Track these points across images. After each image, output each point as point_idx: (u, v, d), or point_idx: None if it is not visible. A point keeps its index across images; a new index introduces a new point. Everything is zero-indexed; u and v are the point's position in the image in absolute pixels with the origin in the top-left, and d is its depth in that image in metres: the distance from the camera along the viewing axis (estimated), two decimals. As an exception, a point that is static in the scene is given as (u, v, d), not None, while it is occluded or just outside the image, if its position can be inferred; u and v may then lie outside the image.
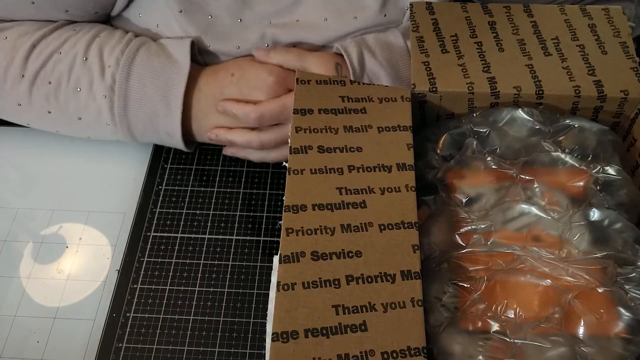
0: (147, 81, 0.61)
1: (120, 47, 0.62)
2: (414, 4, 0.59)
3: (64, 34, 0.63)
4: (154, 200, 0.66)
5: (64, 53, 0.62)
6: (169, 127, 0.63)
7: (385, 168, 0.49)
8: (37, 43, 0.62)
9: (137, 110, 0.62)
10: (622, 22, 0.58)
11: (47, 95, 0.62)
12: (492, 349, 0.43)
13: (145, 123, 0.63)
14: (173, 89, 0.61)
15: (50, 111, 0.64)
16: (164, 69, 0.62)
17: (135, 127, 0.63)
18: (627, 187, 0.50)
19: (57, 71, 0.62)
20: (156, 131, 0.64)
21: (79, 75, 0.62)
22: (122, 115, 0.62)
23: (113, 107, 0.62)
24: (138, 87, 0.61)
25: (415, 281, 0.43)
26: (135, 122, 0.63)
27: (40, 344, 0.57)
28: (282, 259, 0.44)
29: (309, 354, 0.40)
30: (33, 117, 0.65)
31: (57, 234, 0.64)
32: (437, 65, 0.55)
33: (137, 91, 0.61)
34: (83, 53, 0.62)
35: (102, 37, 0.63)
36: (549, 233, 0.48)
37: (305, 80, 0.53)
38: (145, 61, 0.62)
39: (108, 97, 0.61)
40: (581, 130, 0.53)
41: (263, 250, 0.63)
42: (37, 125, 0.67)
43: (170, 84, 0.62)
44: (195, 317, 0.58)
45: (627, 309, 0.44)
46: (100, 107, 0.62)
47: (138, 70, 0.61)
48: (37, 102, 0.63)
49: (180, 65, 0.62)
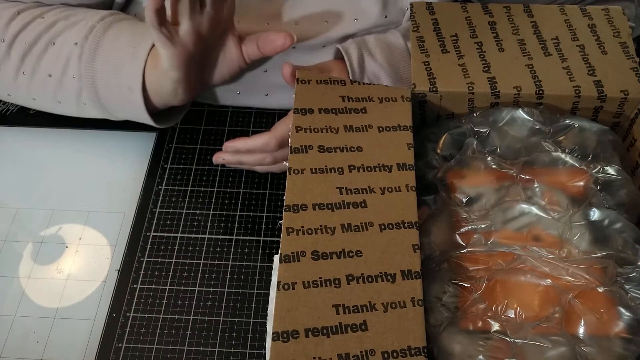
0: (123, 36, 0.60)
1: (108, 12, 0.61)
2: (414, 4, 0.59)
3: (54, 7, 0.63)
4: (154, 200, 0.66)
5: (47, 17, 0.61)
6: (131, 77, 0.59)
7: (385, 168, 0.49)
8: (23, 11, 0.62)
9: (105, 60, 0.59)
10: (622, 22, 0.58)
11: (22, 54, 0.61)
12: (492, 349, 0.43)
13: (109, 74, 0.60)
14: (143, 42, 0.59)
15: (24, 72, 0.62)
16: (144, 32, 0.60)
17: (100, 79, 0.60)
18: (627, 187, 0.50)
19: (36, 31, 0.61)
20: (119, 85, 0.60)
21: (56, 31, 0.61)
22: (89, 64, 0.59)
23: (82, 56, 0.59)
24: (112, 39, 0.59)
25: (415, 281, 0.43)
26: (100, 73, 0.60)
27: (40, 344, 0.57)
28: (282, 259, 0.44)
29: (310, 353, 0.40)
30: (9, 82, 0.63)
31: (56, 234, 0.64)
32: (437, 65, 0.55)
33: (110, 42, 0.59)
34: (66, 17, 0.61)
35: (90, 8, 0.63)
36: (549, 233, 0.48)
37: (306, 80, 0.53)
38: (131, 22, 0.61)
39: (79, 44, 0.59)
40: (581, 130, 0.53)
41: (263, 250, 0.63)
42: (13, 92, 0.64)
43: (142, 38, 0.59)
44: (195, 317, 0.58)
45: (627, 308, 0.44)
46: (69, 57, 0.60)
47: (120, 28, 0.60)
48: (13, 63, 0.61)
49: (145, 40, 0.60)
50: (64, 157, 0.70)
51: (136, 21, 0.62)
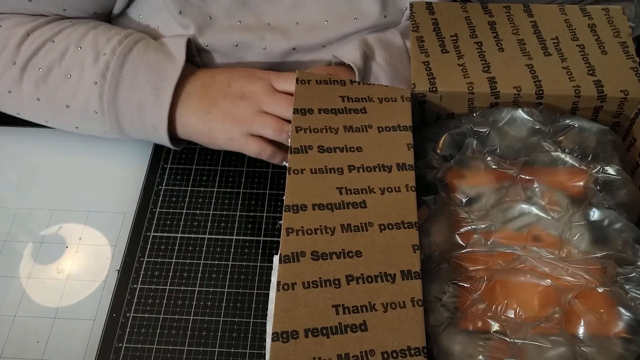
0: (140, 72, 0.60)
1: (118, 37, 0.62)
2: (414, 4, 0.59)
3: (60, 25, 0.63)
4: (154, 200, 0.66)
5: (58, 42, 0.62)
6: (155, 119, 0.61)
7: (385, 168, 0.49)
8: (31, 32, 0.62)
9: (127, 99, 0.61)
10: (622, 22, 0.58)
11: (37, 82, 0.62)
12: (492, 349, 0.43)
13: (133, 114, 0.61)
14: (165, 82, 0.61)
15: (39, 98, 0.62)
16: (159, 62, 0.61)
17: (124, 117, 0.62)
18: (627, 187, 0.50)
19: (49, 58, 0.61)
20: (143, 123, 0.62)
21: (70, 62, 0.61)
22: (111, 103, 0.61)
23: (103, 95, 0.60)
24: (131, 77, 0.60)
25: (415, 281, 0.43)
26: (123, 112, 0.61)
27: (40, 344, 0.57)
28: (282, 259, 0.44)
29: (309, 353, 0.40)
30: (22, 105, 0.64)
31: (57, 234, 0.64)
32: (437, 65, 0.55)
33: (129, 80, 0.60)
34: (77, 42, 0.62)
35: (99, 30, 0.63)
36: (549, 233, 0.48)
37: (306, 80, 0.53)
38: (142, 53, 0.61)
39: (99, 83, 0.60)
40: (581, 130, 0.53)
41: (263, 250, 0.63)
42: (27, 115, 0.66)
43: (163, 76, 0.61)
44: (195, 317, 0.58)
45: (627, 309, 0.44)
46: (89, 94, 0.61)
47: (134, 61, 0.61)
48: (27, 89, 0.62)
49: (175, 59, 0.61)
50: (64, 157, 0.70)
51: (147, 47, 0.62)
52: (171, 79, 0.61)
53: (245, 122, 0.60)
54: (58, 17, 0.64)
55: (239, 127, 0.60)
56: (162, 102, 0.61)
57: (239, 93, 0.61)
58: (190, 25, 0.63)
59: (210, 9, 0.63)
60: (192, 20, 0.63)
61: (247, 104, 0.60)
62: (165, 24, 0.65)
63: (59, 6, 0.63)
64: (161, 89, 0.61)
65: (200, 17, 0.63)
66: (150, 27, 0.66)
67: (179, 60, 0.61)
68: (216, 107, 0.61)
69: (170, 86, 0.60)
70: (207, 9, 0.63)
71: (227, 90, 0.62)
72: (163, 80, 0.61)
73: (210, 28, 0.64)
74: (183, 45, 0.62)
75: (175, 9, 0.62)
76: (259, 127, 0.60)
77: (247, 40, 0.64)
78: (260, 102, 0.60)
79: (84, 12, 0.64)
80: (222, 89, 0.62)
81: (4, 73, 0.62)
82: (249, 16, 0.64)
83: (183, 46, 0.62)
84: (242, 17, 0.64)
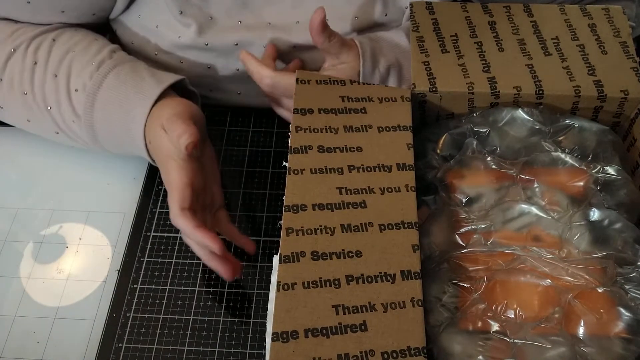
0: (111, 111, 0.59)
1: (89, 69, 0.60)
2: (414, 4, 0.59)
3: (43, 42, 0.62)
4: (154, 200, 0.66)
5: (38, 67, 0.61)
6: (137, 152, 0.61)
7: (385, 168, 0.49)
8: (17, 48, 0.62)
9: (106, 138, 0.61)
10: (622, 22, 0.58)
11: (24, 104, 0.62)
12: (492, 349, 0.43)
13: (116, 147, 0.62)
14: (134, 123, 0.59)
15: (29, 120, 0.64)
16: (128, 98, 0.59)
17: (109, 148, 0.63)
18: (627, 187, 0.50)
19: (32, 84, 0.61)
20: (131, 153, 0.62)
21: (49, 94, 0.61)
22: (92, 139, 0.61)
23: (83, 133, 0.61)
24: (102, 118, 0.60)
25: (415, 281, 0.43)
26: (107, 146, 0.62)
27: (40, 344, 0.57)
28: (282, 259, 0.44)
29: (309, 354, 0.40)
30: (15, 120, 0.66)
31: (57, 234, 0.64)
32: (437, 65, 0.55)
33: (101, 122, 0.60)
34: (54, 69, 0.61)
35: (75, 52, 0.62)
36: (549, 233, 0.48)
37: (305, 80, 0.53)
38: (112, 89, 0.59)
39: (76, 122, 0.61)
40: (581, 130, 0.53)
41: (263, 250, 0.63)
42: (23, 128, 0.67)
43: (132, 118, 0.59)
44: (195, 317, 0.58)
45: (627, 309, 0.44)
46: (71, 128, 0.62)
47: (103, 100, 0.59)
48: (16, 108, 0.63)
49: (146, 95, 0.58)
50: (64, 157, 0.70)
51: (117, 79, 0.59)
52: (139, 122, 0.58)
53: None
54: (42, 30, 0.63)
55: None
56: (137, 142, 0.60)
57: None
58: (191, 24, 0.63)
59: (211, 8, 0.63)
60: (193, 20, 0.63)
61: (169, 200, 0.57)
62: (164, 23, 0.64)
63: (57, 8, 0.63)
64: (133, 130, 0.59)
65: (201, 17, 0.63)
66: (149, 27, 0.66)
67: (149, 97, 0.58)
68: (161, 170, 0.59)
69: (140, 130, 0.59)
70: (207, 9, 0.63)
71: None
72: (132, 122, 0.59)
73: (211, 28, 0.64)
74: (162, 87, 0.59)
75: (176, 9, 0.62)
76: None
77: (247, 39, 0.64)
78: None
79: (82, 14, 0.64)
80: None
81: None
82: (250, 16, 0.64)
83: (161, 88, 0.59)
84: (242, 17, 0.64)
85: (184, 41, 0.64)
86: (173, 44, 0.65)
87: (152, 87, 0.59)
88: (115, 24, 0.68)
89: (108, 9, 0.65)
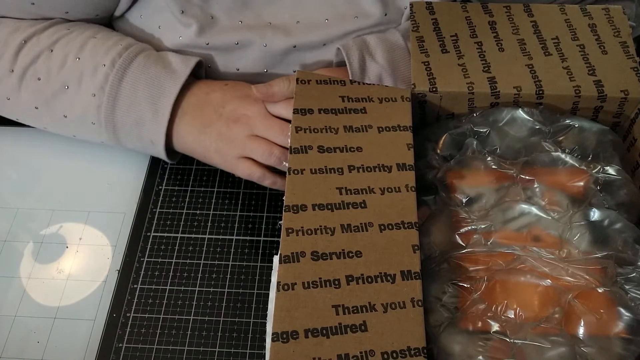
0: (139, 86, 0.61)
1: (117, 49, 0.61)
2: (414, 4, 0.59)
3: (57, 32, 0.63)
4: (154, 200, 0.66)
5: (56, 51, 0.62)
6: (153, 135, 0.62)
7: (385, 168, 0.49)
8: (29, 39, 0.62)
9: (125, 113, 0.61)
10: (622, 21, 0.58)
11: (34, 91, 0.62)
12: (492, 349, 0.43)
13: (130, 127, 0.62)
14: (163, 98, 0.61)
15: (37, 107, 0.63)
16: (158, 76, 0.61)
17: (121, 130, 0.62)
18: (627, 187, 0.50)
19: (47, 68, 0.62)
20: (140, 137, 0.62)
21: (69, 74, 0.61)
22: (109, 116, 0.61)
23: (101, 107, 0.61)
24: (130, 91, 0.60)
25: (415, 281, 0.43)
26: (121, 125, 0.62)
27: (40, 344, 0.57)
28: (282, 259, 0.44)
29: (309, 354, 0.40)
30: (21, 111, 0.65)
31: (57, 234, 0.64)
32: (437, 65, 0.55)
33: (127, 95, 0.60)
34: (76, 53, 0.62)
35: (98, 38, 0.63)
36: (549, 233, 0.48)
37: (305, 80, 0.53)
38: (142, 67, 0.61)
39: (97, 96, 0.60)
40: (581, 130, 0.53)
41: (263, 250, 0.63)
42: (26, 121, 0.66)
43: (162, 92, 0.61)
44: (195, 317, 0.58)
45: (627, 309, 0.44)
46: (87, 106, 0.61)
47: (133, 75, 0.61)
48: (25, 97, 0.63)
49: (176, 75, 0.61)
50: (64, 157, 0.70)
51: (147, 60, 0.62)
52: (170, 95, 0.60)
53: (237, 145, 0.61)
54: (57, 21, 0.64)
55: (231, 149, 0.61)
56: (160, 119, 0.61)
57: (232, 115, 0.61)
58: (192, 24, 0.63)
59: (212, 8, 0.63)
60: (194, 19, 0.63)
61: (239, 128, 0.61)
62: (166, 23, 0.65)
63: (61, 9, 0.63)
64: (159, 105, 0.61)
65: (202, 17, 0.63)
66: (150, 27, 0.66)
67: (180, 76, 0.61)
68: (210, 128, 0.61)
69: (169, 103, 0.60)
70: (208, 9, 0.63)
71: (221, 111, 0.62)
72: (161, 96, 0.61)
73: (211, 28, 0.64)
74: (191, 65, 0.62)
75: (177, 9, 0.62)
76: (249, 151, 0.60)
77: (248, 38, 0.64)
78: (253, 126, 0.61)
79: (86, 15, 0.64)
80: (217, 109, 0.62)
81: (2, 80, 0.62)
82: (250, 16, 0.64)
83: (191, 65, 0.62)
84: (243, 17, 0.64)
85: (184, 41, 0.64)
86: (174, 43, 0.65)
87: (181, 68, 0.62)
88: (117, 24, 0.68)
89: (111, 10, 0.65)
